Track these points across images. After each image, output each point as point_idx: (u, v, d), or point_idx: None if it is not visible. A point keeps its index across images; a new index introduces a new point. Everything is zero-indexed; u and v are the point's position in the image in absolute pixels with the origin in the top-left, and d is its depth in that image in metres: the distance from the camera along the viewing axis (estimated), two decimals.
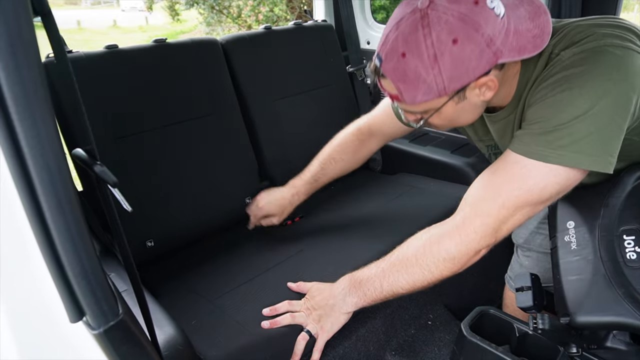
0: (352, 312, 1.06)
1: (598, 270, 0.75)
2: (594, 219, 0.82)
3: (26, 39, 0.43)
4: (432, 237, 0.94)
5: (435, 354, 1.30)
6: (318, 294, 1.09)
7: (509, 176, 0.83)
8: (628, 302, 0.70)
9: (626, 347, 0.78)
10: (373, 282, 1.00)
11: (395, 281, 0.97)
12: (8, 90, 0.43)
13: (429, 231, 0.96)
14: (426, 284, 0.95)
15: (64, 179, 0.49)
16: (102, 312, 0.56)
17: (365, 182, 1.82)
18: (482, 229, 0.86)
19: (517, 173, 0.82)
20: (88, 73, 1.27)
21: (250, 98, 1.60)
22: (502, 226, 0.85)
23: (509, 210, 0.83)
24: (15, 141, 0.45)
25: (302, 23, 1.85)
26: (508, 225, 0.85)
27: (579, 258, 0.79)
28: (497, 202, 0.84)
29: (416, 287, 0.95)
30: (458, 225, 0.89)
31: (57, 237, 0.50)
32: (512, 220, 0.84)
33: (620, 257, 0.75)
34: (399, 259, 0.98)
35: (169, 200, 1.38)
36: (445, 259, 0.90)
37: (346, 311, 1.05)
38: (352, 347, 1.20)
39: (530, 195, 0.81)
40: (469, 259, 0.90)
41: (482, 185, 0.90)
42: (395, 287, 0.97)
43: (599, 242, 0.79)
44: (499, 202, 0.83)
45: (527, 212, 0.84)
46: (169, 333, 0.91)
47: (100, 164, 0.72)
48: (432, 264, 0.92)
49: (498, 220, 0.84)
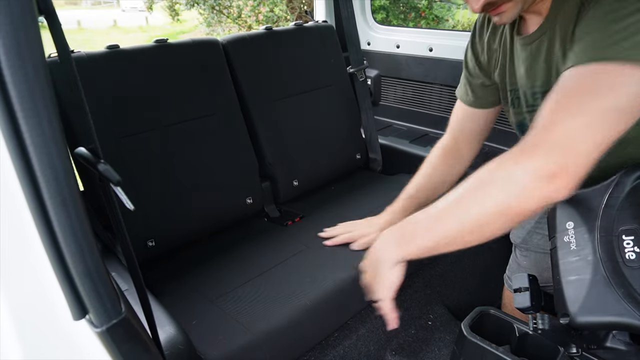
0: (403, 262, 0.91)
1: (597, 271, 0.76)
2: (593, 220, 0.82)
3: (32, 38, 0.44)
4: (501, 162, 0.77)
5: (435, 354, 1.30)
6: (367, 255, 0.97)
7: (588, 89, 0.70)
8: (628, 302, 0.71)
9: (626, 347, 0.78)
10: (423, 226, 0.85)
11: (458, 217, 0.79)
12: (13, 88, 0.43)
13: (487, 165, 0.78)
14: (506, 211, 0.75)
15: (69, 177, 0.49)
16: (105, 310, 0.56)
17: (365, 182, 1.82)
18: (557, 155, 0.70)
19: (599, 83, 0.69)
20: (89, 73, 1.27)
21: (250, 98, 1.61)
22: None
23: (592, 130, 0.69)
24: (20, 139, 0.45)
25: (302, 24, 1.86)
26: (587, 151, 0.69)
27: (578, 258, 0.80)
28: (577, 122, 0.69)
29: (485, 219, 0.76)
30: (524, 149, 0.74)
31: (61, 235, 0.50)
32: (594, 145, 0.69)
33: (620, 257, 0.75)
34: (458, 193, 0.79)
35: (170, 200, 1.38)
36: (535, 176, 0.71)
37: (393, 264, 0.90)
38: (353, 347, 1.21)
39: (619, 107, 0.68)
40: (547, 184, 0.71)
41: (554, 109, 0.73)
42: (456, 225, 0.79)
43: (598, 243, 0.79)
44: (581, 121, 0.69)
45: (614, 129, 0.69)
46: (170, 332, 0.91)
47: (104, 162, 0.72)
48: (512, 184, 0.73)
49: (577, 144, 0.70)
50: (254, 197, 1.56)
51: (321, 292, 1.18)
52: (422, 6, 6.85)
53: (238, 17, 7.72)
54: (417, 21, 6.86)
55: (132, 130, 1.33)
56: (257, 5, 7.30)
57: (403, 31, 2.21)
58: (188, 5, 8.06)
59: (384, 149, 1.95)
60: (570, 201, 0.87)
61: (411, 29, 2.93)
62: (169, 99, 1.42)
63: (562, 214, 0.87)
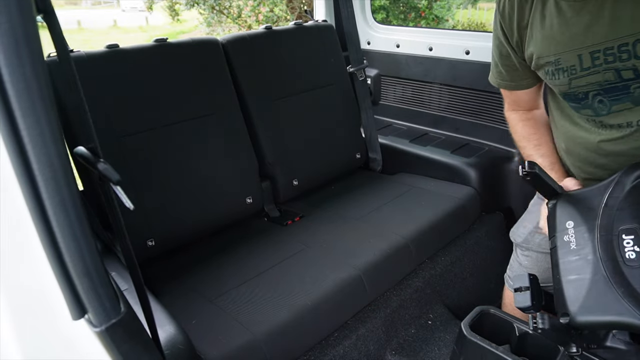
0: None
1: (597, 270, 0.76)
2: (593, 219, 0.82)
3: (30, 36, 0.44)
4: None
5: (435, 354, 1.30)
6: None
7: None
8: (628, 302, 0.71)
9: (626, 346, 0.78)
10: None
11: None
12: (12, 87, 0.43)
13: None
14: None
15: (67, 176, 0.49)
16: (104, 309, 0.56)
17: (365, 182, 1.82)
18: None
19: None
20: (89, 72, 1.27)
21: (250, 98, 1.60)
22: None
23: None
24: (19, 138, 0.45)
25: (302, 23, 1.85)
26: None
27: (578, 258, 0.79)
28: None
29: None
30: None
31: (60, 234, 0.50)
32: None
33: (620, 256, 0.75)
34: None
35: (170, 200, 1.38)
36: None
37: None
38: (353, 347, 1.21)
39: None
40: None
41: None
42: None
43: (598, 242, 0.79)
44: None
45: None
46: (169, 332, 0.91)
47: (104, 162, 0.72)
48: None
49: None
50: (254, 197, 1.56)
51: (321, 292, 1.18)
52: (422, 6, 6.84)
53: (238, 17, 7.72)
54: (417, 21, 6.85)
55: (131, 130, 1.33)
56: (257, 5, 7.30)
57: (403, 30, 2.21)
58: (188, 5, 8.05)
59: (383, 148, 1.95)
60: (570, 200, 0.87)
61: (411, 29, 2.93)
62: (168, 99, 1.42)
63: (562, 214, 0.87)
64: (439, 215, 1.51)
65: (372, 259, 1.31)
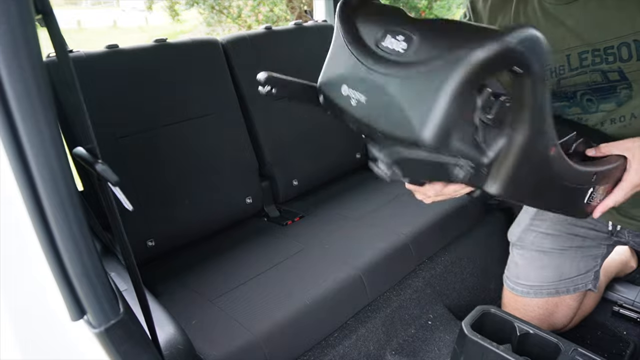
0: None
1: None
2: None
3: (28, 37, 0.43)
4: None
5: (435, 354, 1.30)
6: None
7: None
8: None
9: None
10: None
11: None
12: (10, 88, 0.43)
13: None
14: None
15: (66, 177, 0.49)
16: (103, 310, 0.56)
17: (365, 182, 1.82)
18: None
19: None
20: (88, 72, 1.27)
21: (250, 98, 1.60)
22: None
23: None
24: (18, 139, 0.45)
25: (302, 23, 1.85)
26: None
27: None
28: None
29: None
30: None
31: (59, 235, 0.50)
32: None
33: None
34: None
35: (170, 200, 1.38)
36: None
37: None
38: (353, 347, 1.21)
39: None
40: None
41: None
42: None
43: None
44: None
45: None
46: (169, 332, 0.91)
47: (102, 162, 0.72)
48: None
49: None
50: (254, 197, 1.56)
51: (321, 292, 1.18)
52: (422, 6, 6.84)
53: (238, 16, 7.72)
54: None
55: (131, 130, 1.33)
56: (257, 5, 7.30)
57: None
58: (188, 5, 8.05)
59: None
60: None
61: None
62: (168, 99, 1.41)
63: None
64: (439, 215, 1.51)
65: (372, 259, 1.31)
